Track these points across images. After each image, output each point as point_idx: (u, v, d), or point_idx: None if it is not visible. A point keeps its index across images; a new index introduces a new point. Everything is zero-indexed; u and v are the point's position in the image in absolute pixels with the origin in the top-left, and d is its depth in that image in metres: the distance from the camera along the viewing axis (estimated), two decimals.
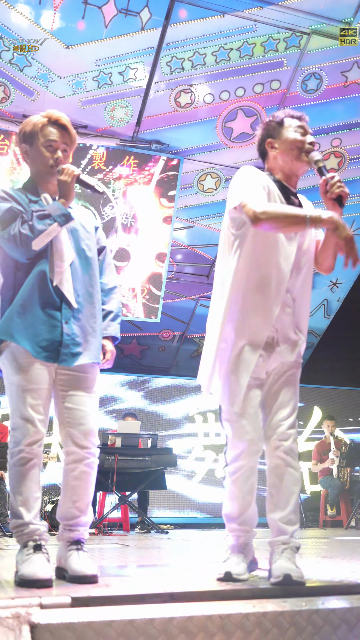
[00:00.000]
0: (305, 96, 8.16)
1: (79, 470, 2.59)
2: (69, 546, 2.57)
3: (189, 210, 9.11)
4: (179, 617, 1.97)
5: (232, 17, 7.31)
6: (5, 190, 2.68)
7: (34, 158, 2.73)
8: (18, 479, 2.52)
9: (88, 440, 2.61)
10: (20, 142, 2.76)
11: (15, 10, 7.00)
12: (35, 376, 2.55)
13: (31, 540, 2.47)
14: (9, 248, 2.58)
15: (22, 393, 2.53)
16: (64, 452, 2.64)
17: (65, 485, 2.61)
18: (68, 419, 2.61)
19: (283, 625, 2.07)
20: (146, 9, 7.16)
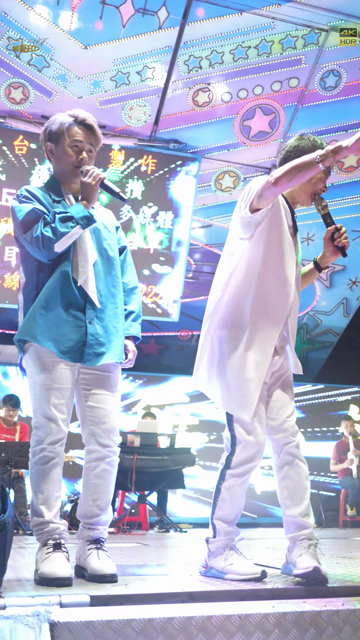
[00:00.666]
0: (324, 93, 8.11)
1: (100, 468, 2.60)
2: (88, 545, 2.57)
3: (207, 210, 9.10)
4: (197, 616, 1.97)
5: (249, 14, 7.28)
6: (29, 190, 2.69)
7: (59, 157, 2.72)
8: (39, 477, 2.53)
9: (110, 439, 2.62)
10: (45, 141, 2.74)
11: (33, 11, 7.04)
12: (59, 375, 2.56)
13: (51, 538, 2.48)
14: (32, 249, 2.59)
15: (46, 392, 2.55)
16: (86, 450, 2.64)
17: (87, 483, 2.62)
18: (90, 417, 2.62)
19: (303, 626, 2.06)
20: (164, 8, 7.16)
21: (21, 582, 2.43)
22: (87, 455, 2.63)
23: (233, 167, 8.77)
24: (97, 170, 2.65)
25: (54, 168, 2.78)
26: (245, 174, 8.83)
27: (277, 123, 8.34)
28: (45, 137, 2.74)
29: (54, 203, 2.67)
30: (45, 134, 2.74)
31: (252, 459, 2.59)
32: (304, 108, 8.23)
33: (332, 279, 10.06)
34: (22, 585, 2.32)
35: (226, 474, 2.61)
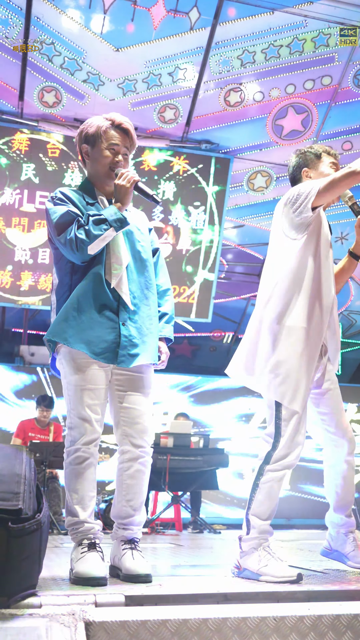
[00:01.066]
0: (357, 91, 8.02)
1: (133, 469, 2.61)
2: (122, 545, 2.58)
3: (239, 210, 9.07)
4: (232, 617, 1.96)
5: (281, 13, 7.25)
6: (63, 192, 2.70)
7: (94, 160, 2.72)
8: (74, 477, 2.54)
9: (143, 439, 2.63)
10: (81, 143, 2.76)
11: (66, 15, 7.11)
12: (93, 376, 2.57)
13: (86, 538, 2.49)
14: (66, 251, 2.60)
15: (80, 393, 2.56)
16: (119, 451, 2.65)
17: (120, 484, 2.63)
18: (124, 418, 2.63)
19: (339, 629, 2.03)
20: (195, 9, 7.16)
21: (57, 581, 2.44)
22: (121, 455, 2.64)
23: (265, 167, 8.73)
24: (132, 173, 2.66)
25: (89, 170, 2.79)
26: (278, 173, 8.78)
27: (310, 122, 8.28)
28: (82, 139, 2.76)
29: (87, 205, 2.68)
30: (82, 136, 2.75)
31: (291, 456, 2.64)
32: (337, 106, 8.15)
33: None
34: (57, 584, 2.34)
35: (265, 469, 2.64)
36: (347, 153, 8.65)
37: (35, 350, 9.12)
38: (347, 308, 10.27)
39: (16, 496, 2.00)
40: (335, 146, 8.51)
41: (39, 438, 7.21)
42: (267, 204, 9.02)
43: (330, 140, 8.48)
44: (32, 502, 2.06)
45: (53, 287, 2.75)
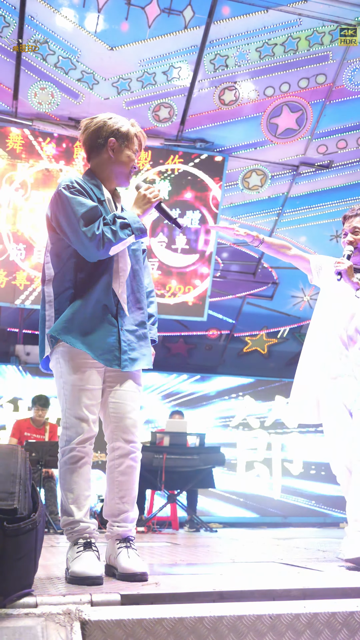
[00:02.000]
0: (352, 89, 8.03)
1: (125, 465, 2.61)
2: (118, 544, 2.58)
3: (234, 208, 9.07)
4: (228, 616, 1.96)
5: (275, 11, 7.24)
6: (79, 182, 2.64)
7: (120, 158, 2.70)
8: (69, 477, 2.54)
9: (133, 435, 2.63)
10: (108, 135, 2.68)
11: (60, 14, 7.09)
12: (91, 377, 2.58)
13: (81, 538, 2.49)
14: (85, 245, 2.53)
15: (78, 393, 2.56)
16: (109, 448, 2.66)
17: (112, 481, 2.63)
18: (114, 413, 2.63)
19: (335, 627, 2.04)
20: (189, 8, 7.16)
21: (52, 580, 2.44)
22: (111, 452, 2.64)
23: (260, 165, 8.73)
24: (157, 191, 2.72)
25: (103, 164, 2.73)
26: (273, 171, 8.79)
27: (305, 120, 8.28)
28: (109, 131, 2.69)
29: (99, 201, 2.66)
30: (111, 129, 2.69)
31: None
32: (331, 104, 8.15)
33: None
34: (53, 583, 2.34)
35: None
36: (341, 151, 8.67)
37: (31, 350, 9.11)
38: None
39: (11, 496, 2.00)
40: (330, 144, 8.55)
41: (35, 438, 7.21)
42: (262, 202, 9.03)
43: (325, 138, 8.49)
44: (27, 501, 2.05)
45: (47, 277, 2.68)
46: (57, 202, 2.61)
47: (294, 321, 10.38)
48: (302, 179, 8.88)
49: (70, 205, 2.55)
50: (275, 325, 10.36)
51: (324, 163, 8.76)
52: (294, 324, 10.43)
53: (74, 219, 2.52)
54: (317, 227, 9.35)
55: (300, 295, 10.11)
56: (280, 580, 2.51)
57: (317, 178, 8.89)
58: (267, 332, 10.42)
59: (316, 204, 9.13)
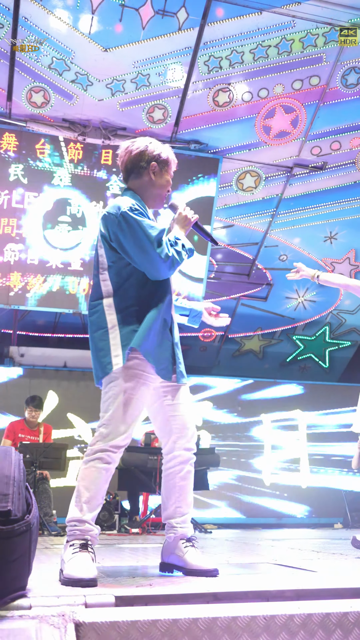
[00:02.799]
0: (346, 91, 8.06)
1: (185, 470, 2.78)
2: (184, 543, 2.73)
3: (228, 210, 9.08)
4: (222, 617, 1.96)
5: (269, 13, 7.26)
6: (139, 205, 2.78)
7: (159, 182, 2.88)
8: (93, 476, 2.59)
9: (192, 443, 2.82)
10: (150, 159, 2.87)
11: (54, 15, 7.09)
12: (144, 389, 2.71)
13: (82, 539, 2.53)
14: (157, 266, 2.68)
15: (129, 401, 2.65)
16: (170, 456, 2.81)
17: (173, 486, 2.78)
18: (175, 425, 2.80)
19: (329, 627, 2.04)
20: (183, 9, 7.17)
21: (46, 582, 2.44)
22: (173, 460, 2.79)
23: (254, 167, 8.75)
24: (192, 211, 2.92)
25: (144, 187, 2.88)
26: (267, 173, 8.80)
27: (299, 122, 8.30)
28: (151, 156, 2.88)
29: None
30: (152, 154, 2.89)
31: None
32: (325, 106, 8.18)
33: (356, 278, 9.98)
34: (47, 585, 2.33)
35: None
36: (335, 153, 8.69)
37: (25, 351, 9.09)
38: (337, 307, 10.31)
39: (5, 498, 1.99)
40: (323, 146, 8.57)
41: (29, 439, 7.19)
42: (256, 203, 9.04)
43: (319, 140, 8.51)
44: (21, 503, 2.05)
45: (104, 295, 2.76)
46: (120, 224, 2.70)
47: (288, 322, 10.40)
48: (296, 180, 8.90)
49: (141, 228, 2.67)
50: (269, 327, 10.38)
51: (318, 164, 8.78)
52: (288, 325, 10.45)
53: (147, 241, 2.66)
54: (311, 228, 9.37)
55: (294, 297, 10.13)
56: (274, 581, 2.52)
57: (311, 179, 8.91)
58: (262, 333, 10.43)
59: (310, 205, 9.16)
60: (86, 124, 8.06)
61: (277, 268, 9.77)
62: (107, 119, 8.07)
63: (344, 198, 9.11)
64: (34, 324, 9.43)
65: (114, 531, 6.98)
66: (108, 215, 2.74)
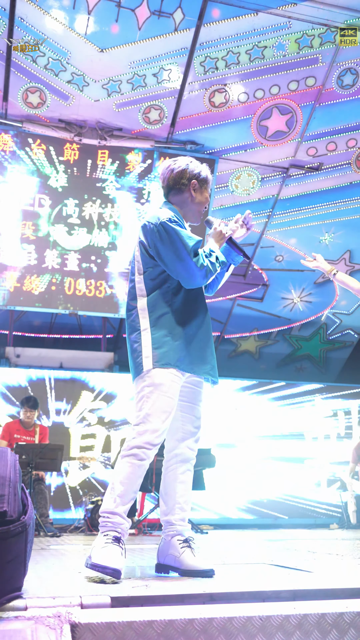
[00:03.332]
0: (341, 92, 8.07)
1: (186, 468, 2.91)
2: (181, 544, 2.77)
3: (224, 210, 9.08)
4: (218, 617, 1.96)
5: (265, 14, 7.27)
6: (178, 217, 2.95)
7: (198, 198, 3.05)
8: (127, 471, 2.68)
9: (196, 445, 2.96)
10: (191, 178, 3.03)
11: (50, 16, 7.08)
12: (175, 387, 2.81)
13: (114, 531, 2.61)
14: (193, 275, 2.83)
15: (161, 399, 2.75)
16: (172, 454, 2.90)
17: (173, 483, 2.87)
18: (185, 425, 2.91)
19: (324, 628, 2.04)
20: (179, 10, 7.17)
21: (42, 583, 2.44)
22: (174, 458, 2.89)
23: (250, 168, 8.76)
24: (227, 227, 3.07)
25: (183, 202, 3.05)
26: (263, 174, 8.81)
27: (295, 122, 8.31)
28: (192, 174, 3.04)
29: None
30: (193, 173, 3.05)
31: None
32: (321, 107, 8.19)
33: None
34: (43, 586, 2.33)
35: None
36: (331, 154, 8.70)
37: (21, 352, 9.08)
38: (333, 308, 10.33)
39: (0, 499, 1.99)
40: (319, 147, 8.58)
41: (25, 440, 7.17)
42: (252, 204, 9.04)
43: (315, 141, 8.52)
44: (16, 504, 2.05)
45: (138, 296, 2.91)
46: (160, 232, 2.86)
47: (285, 323, 10.41)
48: (292, 181, 8.91)
49: (179, 238, 2.82)
50: (265, 327, 10.39)
51: (314, 165, 8.80)
52: (284, 326, 10.45)
53: (184, 251, 2.81)
54: (307, 228, 9.39)
55: (290, 297, 10.13)
56: (270, 581, 2.52)
57: (307, 180, 8.92)
58: (258, 333, 10.44)
59: (306, 205, 9.17)
60: (82, 125, 8.05)
61: (273, 269, 9.78)
62: (103, 119, 8.07)
63: (339, 199, 9.13)
64: (30, 324, 9.42)
65: None
66: (147, 225, 2.91)
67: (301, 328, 10.54)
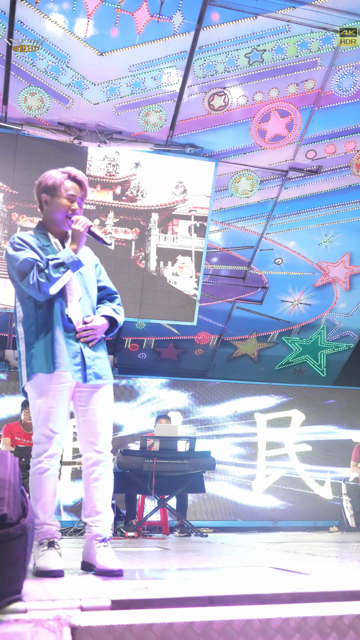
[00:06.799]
0: (340, 95, 8.09)
1: (98, 472, 2.96)
2: (96, 544, 2.89)
3: (224, 213, 9.10)
4: (218, 620, 1.96)
5: (264, 18, 7.28)
6: (21, 237, 3.04)
7: (53, 207, 3.08)
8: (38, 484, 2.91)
9: (102, 446, 2.99)
10: (40, 192, 3.11)
11: (49, 19, 7.10)
12: (57, 400, 2.93)
13: (45, 538, 2.86)
14: (30, 292, 2.94)
15: (46, 414, 2.94)
16: (83, 459, 3.03)
17: (87, 487, 2.98)
18: (86, 429, 3.01)
19: (324, 630, 2.04)
20: (178, 13, 7.19)
21: (42, 586, 2.44)
22: (85, 462, 3.01)
23: (250, 171, 8.77)
24: (85, 219, 3.04)
25: (45, 216, 3.13)
26: (262, 176, 8.83)
27: (294, 125, 8.33)
28: (41, 189, 3.11)
29: (44, 247, 3.04)
30: (42, 187, 3.10)
31: None
32: (320, 110, 8.21)
33: (351, 281, 10.01)
34: (43, 589, 2.33)
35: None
36: (330, 157, 8.72)
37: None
38: (332, 310, 10.33)
39: (0, 501, 1.99)
40: (318, 150, 8.60)
41: (25, 442, 7.17)
42: (251, 207, 9.06)
43: (314, 144, 8.54)
44: (16, 507, 2.05)
45: (19, 319, 3.07)
46: (5, 258, 3.07)
47: (284, 325, 10.42)
48: (291, 183, 8.92)
49: (11, 262, 2.99)
50: (265, 330, 10.40)
51: (313, 168, 8.81)
52: (284, 329, 10.46)
53: (15, 273, 2.98)
54: (306, 231, 9.40)
55: (290, 300, 10.14)
56: (269, 584, 2.52)
57: (306, 183, 8.93)
58: (257, 336, 10.45)
59: (305, 208, 9.18)
60: (82, 128, 8.07)
61: (273, 271, 9.79)
62: (103, 122, 8.08)
63: (338, 202, 9.14)
64: None
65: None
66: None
67: (300, 331, 10.55)
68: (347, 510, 8.74)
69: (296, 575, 2.76)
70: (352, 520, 8.71)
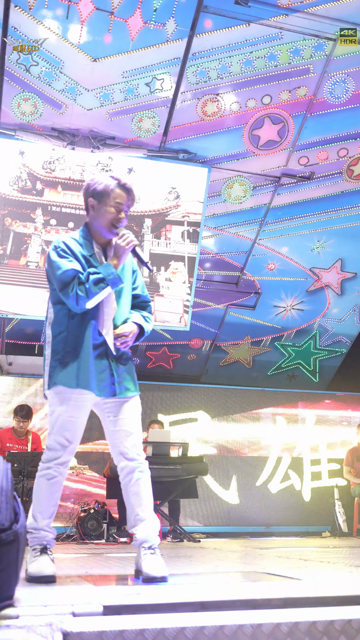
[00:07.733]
0: (333, 102, 8.13)
1: (135, 479, 3.00)
2: (144, 550, 2.93)
3: (217, 219, 9.12)
4: (210, 626, 1.97)
5: (257, 25, 7.32)
6: (66, 243, 3.00)
7: (100, 214, 3.04)
8: (41, 489, 3.00)
9: (133, 453, 3.04)
10: (88, 196, 3.07)
11: (43, 25, 7.12)
12: (77, 410, 2.97)
13: (39, 544, 2.89)
14: (67, 302, 2.92)
15: (63, 422, 2.97)
16: (119, 468, 3.06)
17: (127, 497, 3.01)
18: (117, 439, 3.04)
19: (315, 635, 2.05)
20: (172, 20, 7.22)
21: (34, 591, 2.44)
22: (122, 472, 3.03)
23: (242, 177, 8.80)
24: (132, 237, 3.01)
25: (91, 221, 3.09)
26: (255, 182, 8.86)
27: (286, 132, 8.37)
28: (89, 193, 3.07)
29: (86, 256, 3.02)
30: (89, 191, 3.07)
31: None
32: (312, 117, 8.25)
33: (343, 287, 10.05)
34: (35, 594, 2.33)
35: None
36: (322, 163, 8.76)
37: (13, 360, 9.07)
38: (324, 316, 10.37)
39: None
40: (311, 156, 8.64)
41: (17, 448, 7.17)
42: (244, 213, 9.09)
43: (306, 150, 8.58)
44: (8, 513, 2.05)
45: (48, 321, 3.04)
46: (47, 261, 3.04)
47: (277, 331, 10.44)
48: (284, 190, 8.96)
49: (53, 268, 2.95)
50: (257, 335, 10.41)
51: (306, 174, 8.85)
52: (277, 334, 10.48)
53: (55, 280, 2.96)
54: (299, 237, 9.44)
55: (282, 305, 10.17)
56: (261, 589, 2.53)
57: (298, 189, 8.97)
58: (250, 341, 10.46)
59: (298, 214, 9.22)
60: (75, 134, 8.08)
61: (266, 277, 9.82)
62: (96, 128, 8.10)
63: (331, 208, 9.18)
64: (22, 332, 9.41)
65: (102, 540, 6.96)
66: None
67: (293, 336, 10.58)
68: (340, 516, 8.75)
69: (288, 581, 2.77)
70: (344, 525, 8.72)
